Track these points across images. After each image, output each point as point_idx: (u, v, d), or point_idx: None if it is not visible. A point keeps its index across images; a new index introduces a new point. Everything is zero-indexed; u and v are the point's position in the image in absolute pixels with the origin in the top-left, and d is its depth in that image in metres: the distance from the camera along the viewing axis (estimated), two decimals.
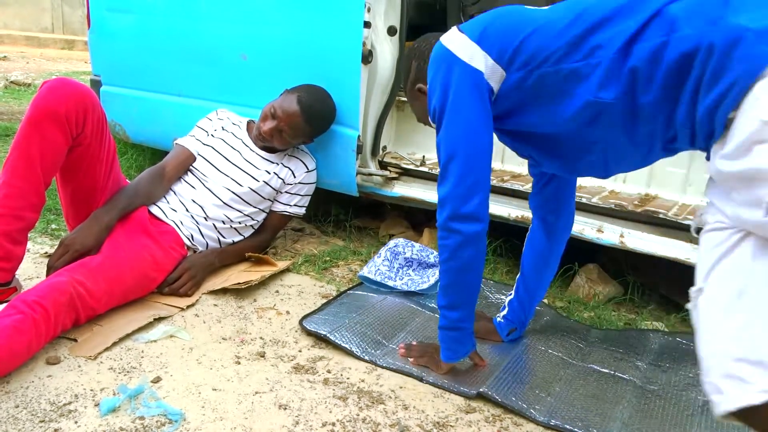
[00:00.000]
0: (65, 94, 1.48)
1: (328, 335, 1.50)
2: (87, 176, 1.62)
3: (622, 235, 1.76)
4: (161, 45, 2.36)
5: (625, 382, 1.40)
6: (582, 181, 2.02)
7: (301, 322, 1.57)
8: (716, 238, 0.92)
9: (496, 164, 2.18)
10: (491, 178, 1.25)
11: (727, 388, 0.86)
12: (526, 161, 1.38)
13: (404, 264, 1.86)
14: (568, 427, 1.22)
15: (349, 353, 1.45)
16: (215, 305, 1.65)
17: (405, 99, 1.85)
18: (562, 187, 1.43)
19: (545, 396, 1.32)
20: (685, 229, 1.69)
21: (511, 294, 1.56)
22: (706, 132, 0.94)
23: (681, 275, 1.87)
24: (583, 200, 1.82)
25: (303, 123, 1.87)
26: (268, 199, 1.96)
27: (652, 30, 0.97)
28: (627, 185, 1.97)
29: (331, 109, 1.96)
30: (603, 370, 1.45)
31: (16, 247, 1.49)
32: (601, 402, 1.32)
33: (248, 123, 2.03)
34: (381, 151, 2.12)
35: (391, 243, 1.91)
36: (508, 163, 2.17)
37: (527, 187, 1.86)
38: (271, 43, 2.09)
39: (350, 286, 1.83)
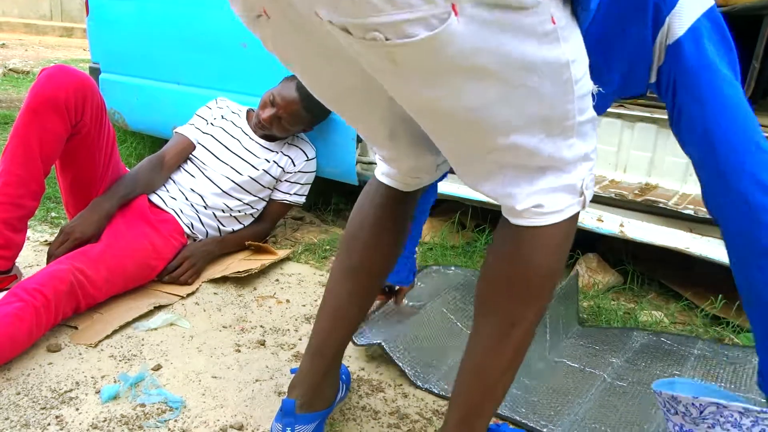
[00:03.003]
0: (64, 82, 1.47)
1: (383, 343, 1.34)
2: (86, 164, 1.61)
3: (621, 225, 1.76)
4: (161, 32, 2.35)
5: (593, 377, 1.38)
6: None
7: (354, 341, 1.39)
8: None
9: None
10: None
11: None
12: None
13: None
14: (518, 419, 1.21)
15: (401, 373, 1.33)
16: (215, 294, 1.66)
17: None
18: None
19: (513, 389, 1.29)
20: (686, 218, 1.69)
21: None
22: None
23: (680, 265, 1.87)
24: None
25: (302, 110, 1.87)
26: (268, 188, 1.96)
27: None
28: (627, 174, 1.97)
29: None
30: (572, 364, 1.43)
31: (16, 235, 1.49)
32: (561, 396, 1.30)
33: (248, 111, 2.03)
34: None
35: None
36: None
37: None
38: None
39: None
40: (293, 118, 1.87)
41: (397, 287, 1.55)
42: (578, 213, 0.88)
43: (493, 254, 0.90)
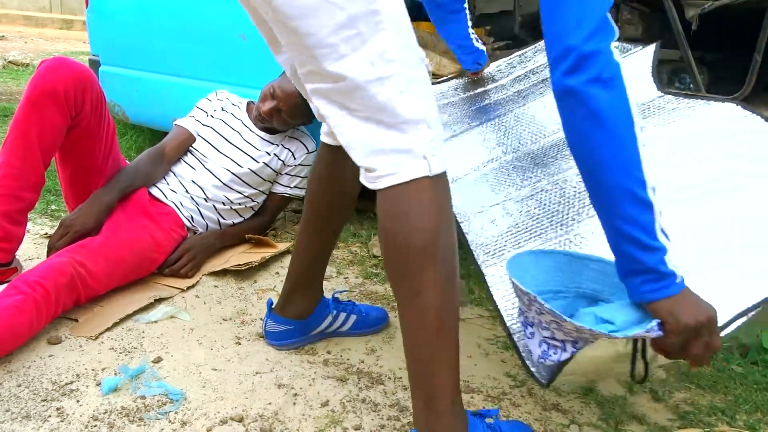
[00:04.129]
0: (63, 73, 1.47)
1: None
2: (86, 156, 1.61)
3: None
4: (160, 25, 2.34)
5: None
6: None
7: None
8: None
9: None
10: None
11: None
12: None
13: None
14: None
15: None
16: (216, 286, 1.66)
17: None
18: None
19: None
20: None
21: None
22: None
23: None
24: None
25: (302, 103, 1.86)
26: (269, 181, 1.96)
27: None
28: None
29: None
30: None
31: (16, 228, 1.49)
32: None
33: (248, 104, 2.02)
34: None
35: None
36: None
37: None
38: None
39: None
40: (293, 110, 1.87)
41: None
42: (432, 177, 0.84)
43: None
